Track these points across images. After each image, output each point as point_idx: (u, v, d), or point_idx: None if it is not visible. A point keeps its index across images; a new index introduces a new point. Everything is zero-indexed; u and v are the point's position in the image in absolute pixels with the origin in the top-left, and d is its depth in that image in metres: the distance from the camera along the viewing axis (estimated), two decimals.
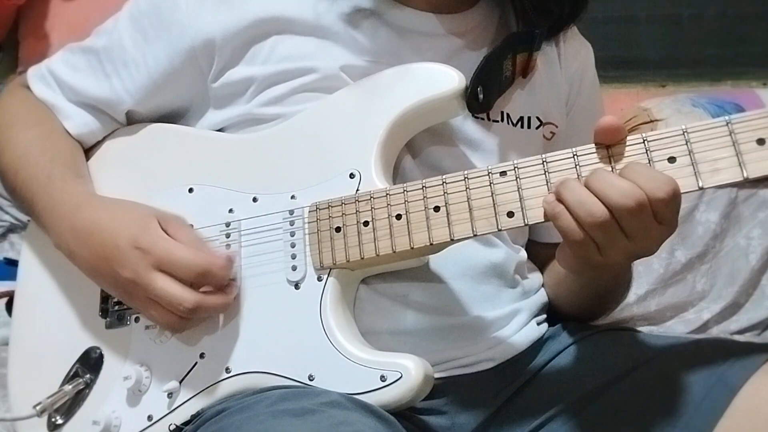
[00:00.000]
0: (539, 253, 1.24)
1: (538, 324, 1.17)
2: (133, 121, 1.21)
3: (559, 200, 0.87)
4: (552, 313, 1.22)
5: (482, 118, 1.13)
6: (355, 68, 1.09)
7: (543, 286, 1.22)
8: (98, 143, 1.22)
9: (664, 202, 0.83)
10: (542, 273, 1.24)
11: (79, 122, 1.20)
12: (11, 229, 1.96)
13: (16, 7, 1.86)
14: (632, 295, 2.03)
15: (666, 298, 2.07)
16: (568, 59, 1.23)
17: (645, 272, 2.08)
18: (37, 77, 1.23)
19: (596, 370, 1.07)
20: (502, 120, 1.15)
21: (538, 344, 1.15)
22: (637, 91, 2.63)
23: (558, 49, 1.23)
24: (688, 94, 2.46)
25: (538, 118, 1.17)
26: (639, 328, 1.19)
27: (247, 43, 1.10)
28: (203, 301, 0.98)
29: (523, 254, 1.19)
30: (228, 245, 1.05)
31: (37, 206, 1.11)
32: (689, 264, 2.10)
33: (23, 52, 1.89)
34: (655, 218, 0.85)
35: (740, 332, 2.08)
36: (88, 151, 1.22)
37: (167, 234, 1.00)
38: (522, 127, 1.16)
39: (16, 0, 1.82)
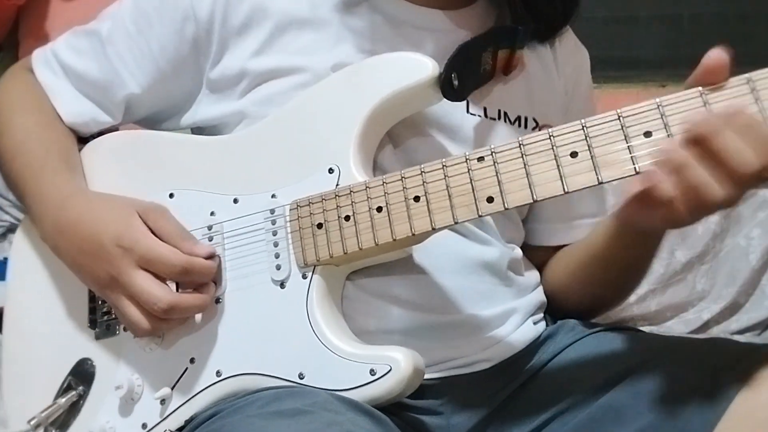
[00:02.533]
0: (539, 256, 1.24)
1: (535, 323, 1.16)
2: (130, 112, 1.21)
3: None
4: (552, 310, 1.22)
5: (479, 116, 1.13)
6: (347, 66, 1.08)
7: (542, 282, 1.22)
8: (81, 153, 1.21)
9: None
10: (541, 274, 1.24)
11: (74, 110, 1.20)
12: (11, 229, 1.96)
13: (16, 7, 1.87)
14: (632, 295, 2.01)
15: (666, 298, 2.05)
16: (564, 61, 1.24)
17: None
18: (41, 60, 1.24)
19: (595, 372, 1.06)
20: (499, 118, 1.15)
21: (536, 344, 1.14)
22: (637, 91, 2.61)
23: (553, 51, 1.23)
24: None
25: (534, 119, 1.17)
26: (639, 328, 1.18)
27: (244, 24, 1.11)
28: (179, 301, 0.98)
29: (518, 252, 1.18)
30: None
31: (28, 196, 1.12)
32: (689, 264, 2.09)
33: (23, 52, 1.90)
34: None
35: (740, 332, 2.06)
36: None
37: (148, 227, 1.01)
38: (519, 126, 1.16)
39: (16, 0, 1.84)
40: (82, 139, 1.22)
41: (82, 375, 1.10)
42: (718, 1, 2.83)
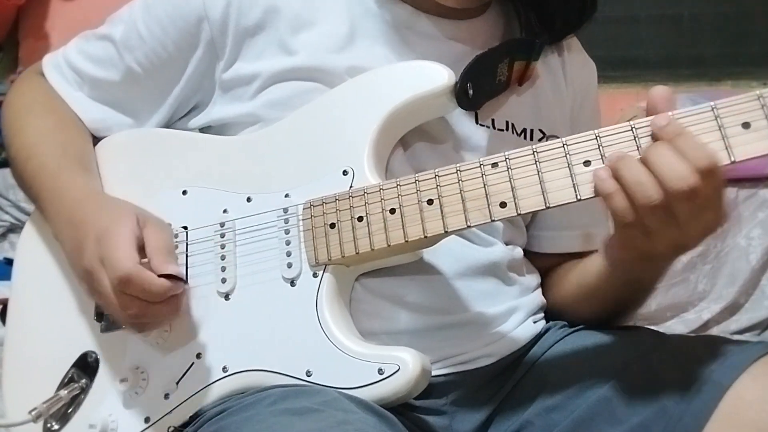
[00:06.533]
0: (539, 263, 1.25)
1: (535, 322, 1.17)
2: (148, 115, 1.20)
3: (615, 177, 0.85)
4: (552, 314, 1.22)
5: (487, 126, 1.13)
6: (361, 70, 1.08)
7: (541, 286, 1.23)
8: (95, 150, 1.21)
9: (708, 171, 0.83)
10: (545, 280, 1.24)
11: (91, 116, 1.20)
12: (11, 229, 1.98)
13: (16, 7, 1.88)
14: None
15: (667, 299, 2.06)
16: (573, 73, 1.24)
17: None
18: (53, 66, 1.23)
19: (590, 366, 1.07)
20: (507, 129, 1.15)
21: (535, 340, 1.16)
22: (637, 91, 2.62)
23: (562, 61, 1.23)
24: (688, 94, 2.45)
25: (541, 130, 1.18)
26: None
27: (257, 25, 1.11)
28: (143, 309, 0.97)
29: (519, 253, 1.19)
30: (223, 245, 1.05)
31: (42, 196, 1.12)
32: (690, 264, 2.10)
33: (23, 52, 1.91)
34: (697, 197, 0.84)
35: (740, 332, 2.07)
36: None
37: (142, 233, 1.00)
38: (525, 138, 1.16)
39: (16, 0, 1.84)
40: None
41: (85, 367, 1.10)
42: (718, 1, 2.83)
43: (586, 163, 0.88)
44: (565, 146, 0.89)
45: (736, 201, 2.16)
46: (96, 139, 1.21)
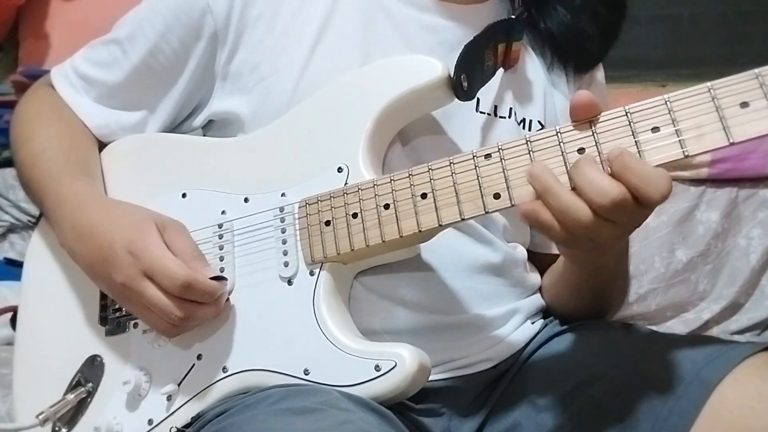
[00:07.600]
0: (539, 261, 1.25)
1: (532, 323, 1.17)
2: (156, 115, 1.21)
3: (545, 206, 0.85)
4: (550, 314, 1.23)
5: (489, 114, 1.13)
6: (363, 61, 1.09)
7: (540, 290, 1.23)
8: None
9: (654, 198, 0.82)
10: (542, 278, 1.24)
11: (98, 122, 1.21)
12: (11, 229, 1.98)
13: (16, 7, 1.88)
14: (633, 294, 2.01)
15: (667, 298, 2.04)
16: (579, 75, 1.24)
17: (646, 270, 2.07)
18: (60, 75, 1.24)
19: (579, 366, 1.07)
20: (509, 117, 1.15)
21: (530, 340, 1.16)
22: (637, 91, 2.59)
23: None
24: None
25: (539, 122, 1.18)
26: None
27: (260, 14, 1.12)
28: (193, 311, 0.98)
29: (522, 253, 1.19)
30: (221, 246, 1.06)
31: (46, 201, 1.12)
32: (691, 264, 2.08)
33: (23, 52, 1.92)
34: (640, 206, 0.83)
35: (740, 332, 2.06)
36: None
37: (164, 239, 1.00)
38: (524, 128, 1.16)
39: (16, 0, 1.84)
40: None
41: (91, 371, 1.10)
42: (718, 1, 2.82)
43: (581, 150, 0.87)
44: (559, 134, 0.88)
45: (736, 201, 2.15)
46: (103, 145, 1.22)
